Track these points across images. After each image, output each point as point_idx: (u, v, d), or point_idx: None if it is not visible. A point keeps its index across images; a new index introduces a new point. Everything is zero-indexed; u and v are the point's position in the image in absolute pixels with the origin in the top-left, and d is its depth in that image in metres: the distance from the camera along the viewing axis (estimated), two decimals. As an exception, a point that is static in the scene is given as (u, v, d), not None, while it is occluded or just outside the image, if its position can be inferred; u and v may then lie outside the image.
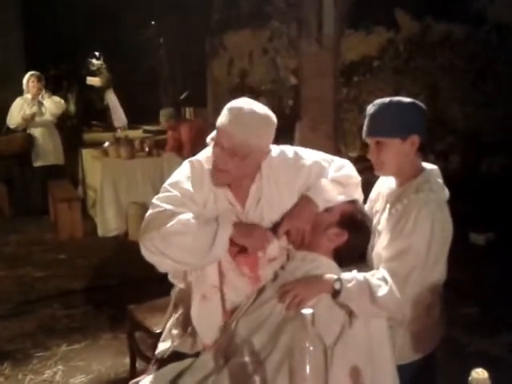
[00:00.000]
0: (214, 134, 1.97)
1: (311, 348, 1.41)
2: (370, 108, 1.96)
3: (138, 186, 6.14)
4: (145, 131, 13.38)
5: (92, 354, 3.56)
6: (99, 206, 6.08)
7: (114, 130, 8.63)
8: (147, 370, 2.14)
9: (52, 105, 6.75)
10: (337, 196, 2.03)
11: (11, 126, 6.72)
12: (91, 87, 14.28)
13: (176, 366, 1.99)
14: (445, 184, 1.96)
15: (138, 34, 13.95)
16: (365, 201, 2.18)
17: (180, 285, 2.10)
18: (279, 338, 1.76)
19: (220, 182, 1.97)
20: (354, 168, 2.16)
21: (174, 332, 2.11)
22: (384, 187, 2.07)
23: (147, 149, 6.54)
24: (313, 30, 5.47)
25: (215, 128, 1.97)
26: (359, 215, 2.04)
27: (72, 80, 12.65)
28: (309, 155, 2.11)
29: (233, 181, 1.98)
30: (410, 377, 1.92)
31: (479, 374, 1.25)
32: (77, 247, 5.73)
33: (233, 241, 1.91)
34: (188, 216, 1.89)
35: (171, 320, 2.18)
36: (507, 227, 4.97)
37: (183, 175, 2.00)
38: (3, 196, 6.96)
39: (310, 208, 2.00)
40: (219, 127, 1.91)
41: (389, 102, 1.93)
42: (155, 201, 1.97)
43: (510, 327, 3.44)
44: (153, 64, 14.40)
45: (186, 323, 2.08)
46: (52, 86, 8.25)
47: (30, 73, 6.76)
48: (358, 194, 2.13)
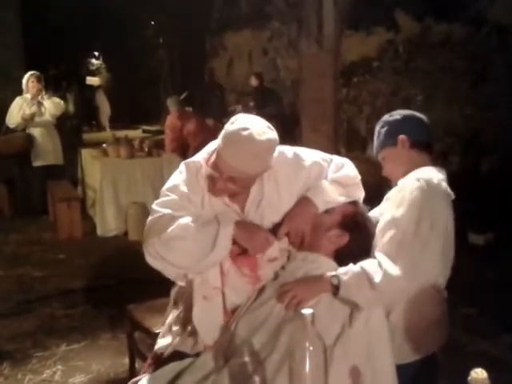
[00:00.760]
0: (214, 157, 1.91)
1: (311, 348, 1.41)
2: (376, 125, 2.14)
3: (138, 186, 6.14)
4: (144, 131, 13.38)
5: (91, 354, 3.56)
6: (99, 206, 6.08)
7: (103, 129, 8.66)
8: (145, 366, 2.15)
9: (51, 105, 6.75)
10: (337, 197, 2.03)
11: (11, 126, 6.71)
12: (90, 87, 14.30)
13: (176, 366, 1.99)
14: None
15: (138, 34, 13.95)
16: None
17: (181, 283, 2.11)
18: (279, 338, 1.77)
19: (218, 196, 1.97)
20: (354, 166, 2.17)
21: (174, 329, 2.12)
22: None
23: (147, 149, 6.55)
24: (313, 31, 5.48)
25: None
26: (360, 217, 2.03)
27: (71, 80, 12.65)
28: (308, 155, 2.11)
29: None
30: (410, 377, 1.92)
31: (478, 374, 1.26)
32: (76, 247, 5.73)
33: (233, 241, 1.92)
34: (187, 220, 1.89)
35: (171, 316, 2.18)
36: (506, 227, 4.97)
37: (180, 178, 1.99)
38: (3, 196, 6.96)
39: (310, 209, 2.01)
40: (219, 156, 1.87)
41: (385, 119, 2.11)
42: (155, 206, 1.97)
43: (509, 327, 3.44)
44: (152, 64, 14.40)
45: (186, 321, 2.08)
46: (51, 86, 8.26)
47: (30, 73, 6.75)
48: (359, 194, 2.12)
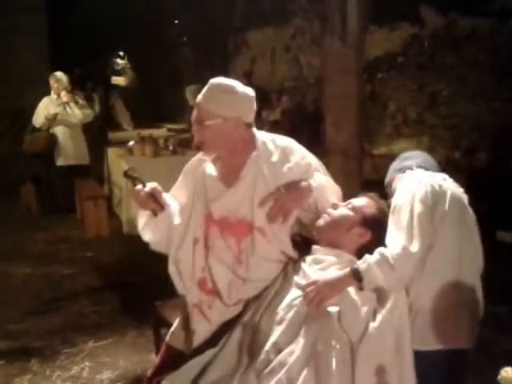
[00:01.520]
0: None
1: (337, 346, 1.41)
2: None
3: (163, 184, 6.13)
4: (169, 130, 13.46)
5: (119, 351, 3.60)
6: (125, 204, 6.11)
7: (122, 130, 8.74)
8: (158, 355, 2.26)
9: (80, 113, 6.84)
10: (330, 197, 2.12)
11: (36, 126, 6.83)
12: (116, 86, 14.42)
13: (199, 360, 2.01)
14: (471, 181, 1.99)
15: (162, 34, 14.03)
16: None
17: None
18: (304, 336, 1.76)
19: (206, 155, 2.16)
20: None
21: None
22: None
23: (171, 147, 6.57)
24: (336, 27, 5.43)
25: None
26: (381, 214, 2.04)
27: (97, 80, 12.78)
28: (299, 149, 2.19)
29: (217, 154, 2.13)
30: (430, 365, 1.87)
31: (509, 373, 1.24)
32: (103, 244, 5.79)
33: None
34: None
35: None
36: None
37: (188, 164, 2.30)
38: (31, 194, 7.07)
39: (306, 192, 2.05)
40: (196, 103, 2.10)
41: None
42: None
43: (539, 326, 3.38)
44: (176, 63, 14.48)
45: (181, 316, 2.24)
46: (77, 86, 8.35)
47: (54, 73, 6.88)
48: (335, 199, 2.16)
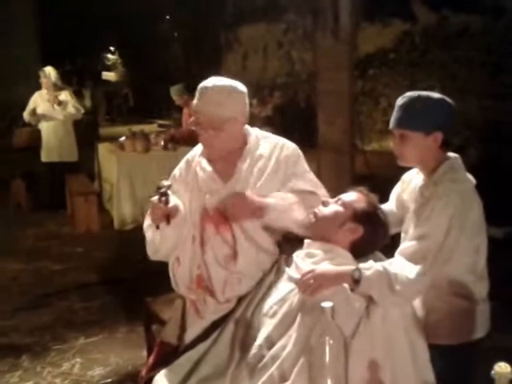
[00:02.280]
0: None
1: (331, 341, 1.41)
2: (400, 100, 1.99)
3: (154, 180, 6.12)
4: (160, 125, 13.43)
5: (109, 347, 3.59)
6: (115, 200, 6.11)
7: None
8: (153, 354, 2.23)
9: (62, 112, 6.74)
10: (295, 217, 2.09)
11: (25, 120, 6.79)
12: (107, 82, 14.37)
13: (192, 356, 2.00)
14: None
15: (153, 29, 13.97)
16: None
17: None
18: (297, 331, 1.76)
19: (213, 156, 2.19)
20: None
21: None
22: (413, 184, 2.08)
23: (162, 143, 6.55)
24: (328, 23, 5.42)
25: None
26: (373, 209, 2.04)
27: (87, 75, 12.74)
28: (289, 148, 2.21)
29: (221, 154, 2.17)
30: (442, 359, 1.89)
31: (502, 368, 1.25)
32: (94, 240, 5.77)
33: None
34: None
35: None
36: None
37: (176, 169, 2.37)
38: (21, 191, 7.03)
39: (258, 209, 2.05)
40: (193, 109, 2.17)
41: (417, 96, 1.95)
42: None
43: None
44: (168, 58, 14.43)
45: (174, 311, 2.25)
46: (67, 81, 8.29)
47: (43, 68, 6.80)
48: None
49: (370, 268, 1.81)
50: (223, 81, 2.14)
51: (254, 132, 2.24)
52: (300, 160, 2.22)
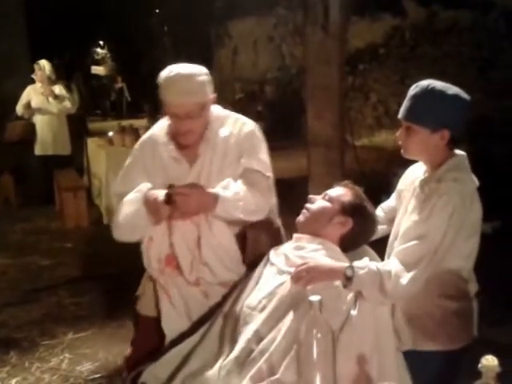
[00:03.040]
0: (165, 107, 2.13)
1: (319, 335, 1.41)
2: (413, 88, 1.89)
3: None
4: (150, 120, 13.35)
5: (98, 342, 3.58)
6: (104, 195, 6.08)
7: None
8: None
9: (57, 105, 6.71)
10: (236, 213, 2.08)
11: (18, 114, 6.72)
12: (96, 76, 14.26)
13: (180, 351, 2.00)
14: None
15: (142, 23, 13.87)
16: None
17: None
18: (285, 326, 1.76)
19: (189, 141, 2.15)
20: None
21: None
22: (412, 175, 2.04)
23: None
24: (319, 17, 5.41)
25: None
26: (360, 201, 2.07)
27: (76, 69, 12.63)
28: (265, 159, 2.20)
29: (197, 138, 2.15)
30: (424, 365, 1.88)
31: (489, 361, 1.25)
32: (83, 236, 5.75)
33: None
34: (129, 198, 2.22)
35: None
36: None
37: (133, 154, 2.31)
38: (9, 185, 6.97)
39: (209, 205, 2.05)
40: (167, 101, 2.10)
41: (430, 89, 1.85)
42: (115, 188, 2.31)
43: (518, 315, 3.44)
44: (157, 53, 14.35)
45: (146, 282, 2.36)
46: (57, 75, 8.23)
47: (38, 61, 6.75)
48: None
49: (364, 267, 1.80)
50: (183, 68, 2.12)
51: (215, 110, 2.24)
52: (256, 139, 2.21)
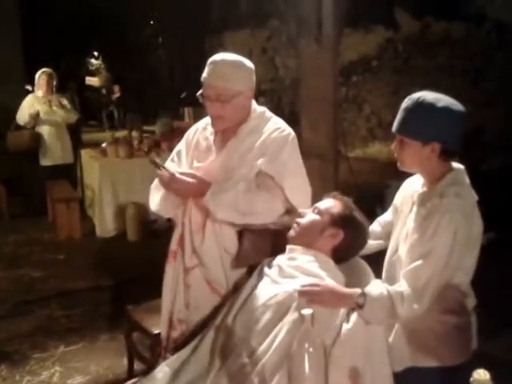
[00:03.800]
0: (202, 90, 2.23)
1: (311, 349, 1.40)
2: (405, 101, 1.90)
3: (137, 186, 6.09)
4: (144, 131, 13.36)
5: (90, 355, 3.54)
6: (97, 207, 6.05)
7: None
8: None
9: (65, 115, 6.72)
10: (234, 216, 2.13)
11: (21, 124, 6.63)
12: (90, 87, 14.26)
13: (172, 363, 2.00)
14: None
15: (138, 34, 13.93)
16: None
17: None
18: (278, 339, 1.74)
19: (218, 128, 2.24)
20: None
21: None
22: (410, 189, 2.03)
23: (146, 148, 6.51)
24: (312, 29, 5.44)
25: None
26: (349, 211, 2.06)
27: (70, 80, 12.62)
28: (290, 156, 2.20)
29: (227, 126, 2.23)
30: (422, 382, 1.88)
31: (481, 375, 1.24)
32: (75, 247, 5.70)
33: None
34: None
35: None
36: (507, 226, 4.95)
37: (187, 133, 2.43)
38: (1, 197, 6.92)
39: (199, 194, 2.14)
40: (203, 81, 2.21)
41: (420, 102, 1.85)
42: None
43: (512, 328, 3.43)
44: (152, 64, 14.40)
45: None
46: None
47: (42, 70, 6.68)
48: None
49: (375, 293, 1.78)
50: (232, 56, 2.22)
51: (260, 110, 2.29)
52: (285, 146, 2.20)
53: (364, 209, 2.15)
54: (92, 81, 14.14)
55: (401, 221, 2.00)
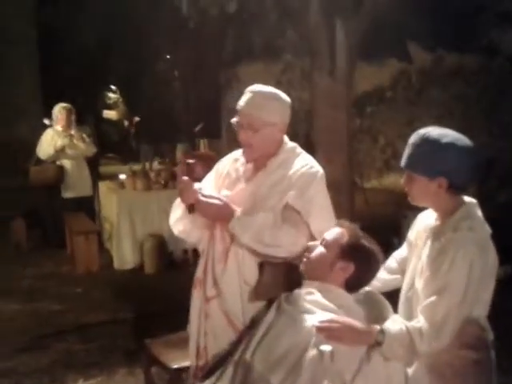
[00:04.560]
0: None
1: (330, 386, 1.40)
2: (412, 137, 1.95)
3: (154, 219, 6.15)
4: (160, 163, 13.47)
5: (108, 389, 3.55)
6: (115, 239, 6.09)
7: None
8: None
9: (85, 148, 6.89)
10: (257, 246, 2.16)
11: (42, 158, 6.76)
12: (107, 120, 14.46)
13: None
14: None
15: (153, 68, 14.15)
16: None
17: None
18: (298, 376, 1.75)
19: (248, 157, 2.30)
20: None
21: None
22: (424, 223, 2.04)
23: (163, 181, 6.58)
24: (325, 63, 5.52)
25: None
26: (357, 240, 2.03)
27: (87, 113, 12.83)
28: (318, 193, 2.22)
29: (256, 155, 2.27)
30: None
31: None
32: (93, 280, 5.73)
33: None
34: None
35: None
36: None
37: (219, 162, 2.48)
38: (22, 230, 7.00)
39: (226, 219, 2.18)
40: (238, 109, 2.28)
41: (426, 137, 1.89)
42: None
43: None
44: (168, 97, 14.58)
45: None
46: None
47: (61, 105, 6.84)
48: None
49: (394, 330, 1.79)
50: (269, 88, 2.30)
51: (291, 145, 2.33)
52: (313, 183, 2.22)
53: (380, 240, 2.15)
54: (110, 114, 14.34)
55: (416, 255, 2.01)
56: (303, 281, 2.09)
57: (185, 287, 2.40)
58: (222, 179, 2.38)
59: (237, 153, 2.41)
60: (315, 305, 1.94)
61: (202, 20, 7.44)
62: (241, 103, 2.27)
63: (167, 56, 14.45)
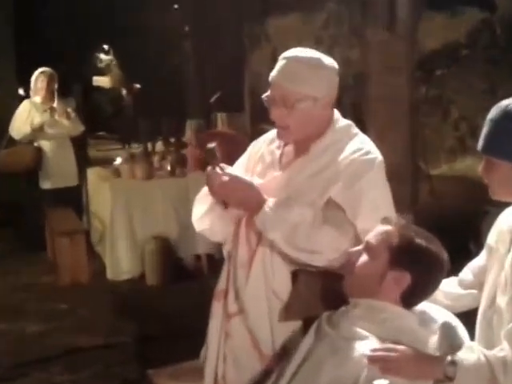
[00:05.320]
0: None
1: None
2: (492, 110, 1.93)
3: (158, 215, 6.18)
4: (166, 144, 13.55)
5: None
6: (109, 242, 6.13)
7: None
8: None
9: (70, 127, 6.92)
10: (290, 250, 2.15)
11: (16, 137, 6.82)
12: (98, 89, 14.56)
13: None
14: None
15: (158, 23, 14.20)
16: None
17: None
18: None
19: (284, 140, 2.33)
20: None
21: None
22: (508, 223, 2.01)
23: (169, 167, 6.59)
24: (382, 14, 5.49)
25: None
26: (409, 241, 1.98)
27: (74, 82, 12.95)
28: (375, 182, 2.20)
29: (296, 137, 2.28)
30: None
31: None
32: (81, 294, 5.79)
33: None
34: None
35: None
36: None
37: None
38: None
39: (250, 207, 2.19)
40: (270, 81, 2.29)
41: (509, 110, 1.87)
42: None
43: None
44: (176, 60, 14.63)
45: None
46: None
47: (40, 70, 6.89)
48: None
49: (470, 361, 1.78)
50: (309, 52, 2.29)
51: (344, 123, 2.32)
52: (366, 173, 2.19)
53: (452, 244, 2.13)
54: (101, 81, 14.42)
55: (497, 264, 1.99)
56: (350, 300, 2.07)
57: (197, 303, 2.43)
58: (254, 164, 2.40)
59: (274, 131, 2.41)
60: (365, 328, 1.94)
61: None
62: (273, 73, 2.27)
63: (175, 6, 14.48)
